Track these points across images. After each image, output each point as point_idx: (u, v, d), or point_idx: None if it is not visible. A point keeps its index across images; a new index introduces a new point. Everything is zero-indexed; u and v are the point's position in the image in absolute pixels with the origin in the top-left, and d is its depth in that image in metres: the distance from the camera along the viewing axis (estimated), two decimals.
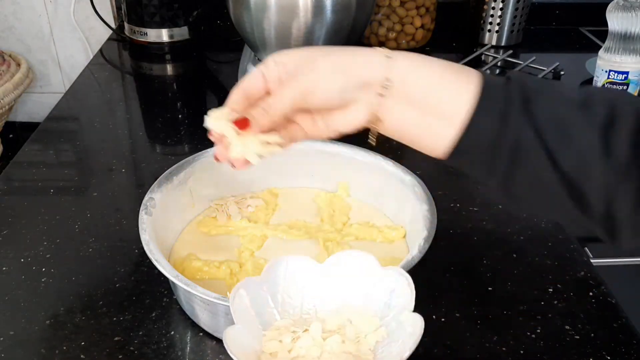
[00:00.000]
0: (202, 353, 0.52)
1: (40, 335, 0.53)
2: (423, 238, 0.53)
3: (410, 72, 0.41)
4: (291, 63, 0.41)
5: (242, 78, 0.42)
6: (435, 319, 0.55)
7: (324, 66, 0.41)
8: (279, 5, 0.87)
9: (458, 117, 0.39)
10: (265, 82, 0.42)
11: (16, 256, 0.62)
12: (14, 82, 1.20)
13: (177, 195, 0.62)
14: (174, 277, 0.48)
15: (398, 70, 0.40)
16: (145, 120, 0.93)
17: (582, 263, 0.63)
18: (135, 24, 1.14)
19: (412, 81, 0.41)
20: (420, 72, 0.41)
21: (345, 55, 0.42)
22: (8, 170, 0.78)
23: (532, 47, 1.23)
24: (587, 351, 0.53)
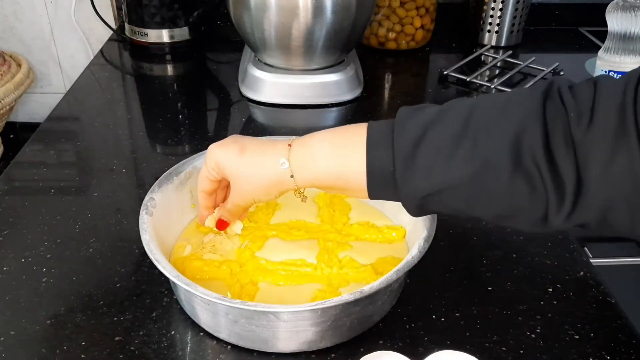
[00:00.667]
0: (203, 353, 0.53)
1: (40, 335, 0.53)
2: (423, 238, 0.53)
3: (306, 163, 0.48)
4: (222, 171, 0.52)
5: (199, 183, 0.55)
6: (435, 319, 0.56)
7: (242, 183, 0.51)
8: (279, 5, 0.87)
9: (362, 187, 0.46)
10: (211, 183, 0.54)
11: (17, 256, 0.62)
12: (15, 82, 1.20)
13: (177, 195, 0.62)
14: (174, 277, 0.48)
15: (296, 163, 0.48)
16: (145, 120, 0.93)
17: (581, 263, 0.63)
18: (135, 24, 1.14)
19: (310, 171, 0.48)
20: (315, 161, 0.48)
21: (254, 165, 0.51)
22: (9, 171, 0.78)
23: (532, 48, 1.23)
24: (587, 351, 0.53)
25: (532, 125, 0.40)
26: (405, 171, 0.43)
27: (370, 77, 1.06)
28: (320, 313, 0.49)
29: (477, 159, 0.41)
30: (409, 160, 0.43)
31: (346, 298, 0.47)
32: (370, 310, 0.52)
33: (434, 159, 0.43)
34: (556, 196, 0.40)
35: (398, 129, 0.44)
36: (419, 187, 0.44)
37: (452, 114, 0.44)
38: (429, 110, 0.45)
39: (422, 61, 1.20)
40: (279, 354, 0.52)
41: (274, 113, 0.95)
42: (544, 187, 0.40)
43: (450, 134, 0.42)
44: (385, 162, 0.44)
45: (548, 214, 0.41)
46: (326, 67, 0.97)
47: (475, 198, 0.43)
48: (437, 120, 0.44)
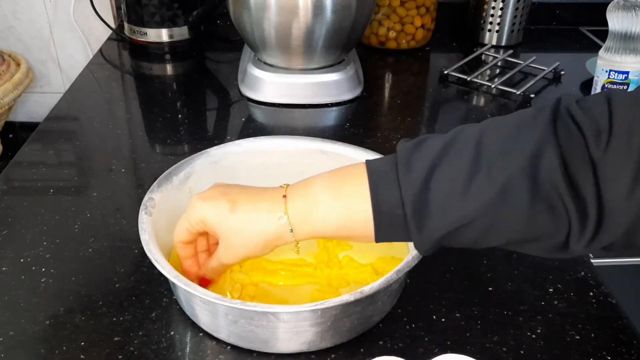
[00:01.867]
0: (202, 353, 0.52)
1: (40, 336, 0.53)
2: None
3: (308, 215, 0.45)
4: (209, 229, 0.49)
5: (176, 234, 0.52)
6: (435, 319, 0.55)
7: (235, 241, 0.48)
8: (279, 5, 0.87)
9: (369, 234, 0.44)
10: (192, 235, 0.51)
11: (16, 256, 0.62)
12: (14, 82, 1.20)
13: (177, 195, 0.62)
14: (173, 277, 0.48)
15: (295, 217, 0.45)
16: (145, 120, 0.93)
17: (582, 263, 0.63)
18: (135, 23, 1.14)
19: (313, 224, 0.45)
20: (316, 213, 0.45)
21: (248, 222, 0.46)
22: (8, 170, 0.78)
23: (533, 47, 1.23)
24: (588, 351, 0.52)
25: (546, 148, 0.38)
26: (418, 215, 0.41)
27: (371, 77, 1.06)
28: (320, 313, 0.48)
29: (494, 190, 0.39)
30: (420, 203, 0.40)
31: (346, 298, 0.47)
32: (370, 311, 0.52)
33: (448, 198, 0.40)
34: (578, 221, 0.38)
35: (402, 168, 0.41)
36: (435, 228, 0.41)
37: (460, 145, 0.41)
38: (432, 143, 0.42)
39: (423, 60, 1.20)
40: (278, 354, 0.52)
41: (274, 113, 0.95)
42: (566, 212, 0.38)
43: (462, 167, 0.40)
44: (394, 206, 0.41)
45: (569, 240, 0.39)
46: (326, 66, 0.97)
47: (494, 229, 0.40)
48: (444, 154, 0.41)
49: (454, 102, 1.03)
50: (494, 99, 1.01)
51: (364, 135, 0.87)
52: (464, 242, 0.43)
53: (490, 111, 0.98)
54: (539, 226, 0.39)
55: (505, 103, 1.00)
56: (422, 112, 1.00)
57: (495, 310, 0.57)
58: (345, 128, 0.90)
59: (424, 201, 0.40)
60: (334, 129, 0.93)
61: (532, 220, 0.39)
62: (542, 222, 0.39)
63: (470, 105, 1.02)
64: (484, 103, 1.01)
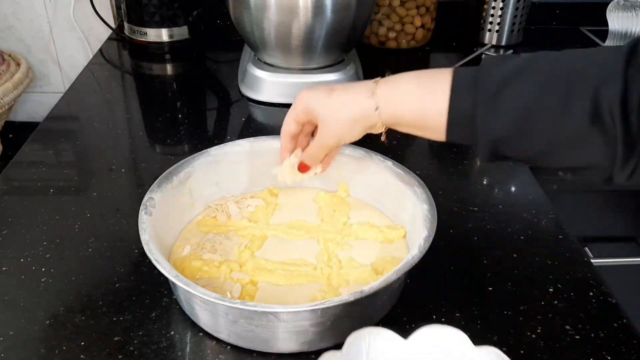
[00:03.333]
0: (202, 353, 0.52)
1: (40, 335, 0.53)
2: (423, 238, 0.53)
3: (392, 97, 0.51)
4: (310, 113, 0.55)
5: (284, 126, 0.58)
6: (435, 319, 0.55)
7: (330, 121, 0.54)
8: (279, 5, 0.87)
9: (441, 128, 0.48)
10: (297, 125, 0.57)
11: (16, 256, 0.62)
12: (14, 81, 1.20)
13: (177, 195, 0.62)
14: (173, 277, 0.48)
15: (382, 98, 0.51)
16: (145, 120, 0.93)
17: (582, 263, 0.63)
18: (135, 23, 1.14)
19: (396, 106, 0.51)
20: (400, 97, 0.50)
21: (341, 102, 0.53)
22: (8, 170, 0.78)
23: (533, 47, 1.23)
24: (588, 351, 0.53)
25: (613, 80, 0.41)
26: (485, 115, 0.45)
27: (371, 77, 1.05)
28: (320, 313, 0.48)
29: (557, 110, 0.42)
30: (489, 106, 0.45)
31: (346, 298, 0.47)
32: (370, 310, 0.52)
33: (514, 107, 0.44)
34: (624, 151, 0.41)
35: (482, 77, 0.46)
36: (495, 131, 0.45)
37: (538, 66, 0.45)
38: (514, 61, 0.46)
39: (423, 60, 1.20)
40: (278, 354, 0.52)
41: (274, 112, 0.95)
42: (615, 140, 0.41)
43: (534, 84, 0.44)
44: (467, 107, 0.46)
45: (614, 169, 0.43)
46: (326, 66, 0.97)
47: (550, 143, 0.44)
48: (522, 71, 0.45)
49: None
50: None
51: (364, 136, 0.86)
52: (521, 155, 0.47)
53: None
54: (591, 150, 0.43)
55: None
56: None
57: (495, 310, 0.57)
58: None
59: (492, 106, 0.45)
60: None
61: (586, 142, 0.43)
62: (594, 146, 0.42)
63: None
64: None
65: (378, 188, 0.66)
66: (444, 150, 0.84)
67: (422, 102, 0.49)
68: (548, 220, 0.69)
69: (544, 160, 0.46)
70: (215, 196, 0.67)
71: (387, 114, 0.51)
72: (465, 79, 0.47)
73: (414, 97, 0.49)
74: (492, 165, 0.79)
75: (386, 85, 0.51)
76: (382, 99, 0.51)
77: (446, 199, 0.72)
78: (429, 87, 0.49)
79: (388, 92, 0.51)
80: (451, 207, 0.71)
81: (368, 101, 0.51)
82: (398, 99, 0.50)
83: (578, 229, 0.88)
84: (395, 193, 0.63)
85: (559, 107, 0.43)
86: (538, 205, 0.71)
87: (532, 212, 0.70)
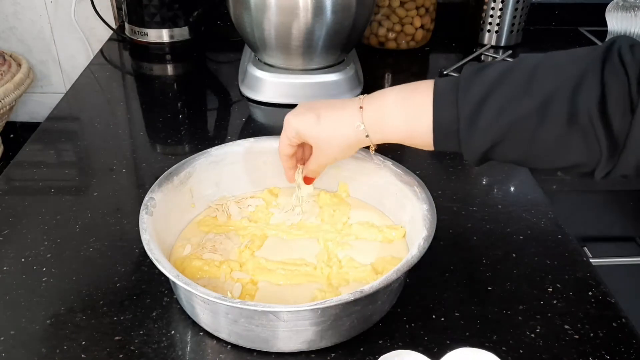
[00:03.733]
0: (203, 352, 0.53)
1: (40, 335, 0.53)
2: (423, 238, 0.53)
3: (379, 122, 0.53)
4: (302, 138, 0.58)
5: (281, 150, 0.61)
6: (434, 318, 0.56)
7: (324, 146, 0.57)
8: (279, 5, 0.87)
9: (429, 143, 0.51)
10: (292, 148, 0.60)
11: (17, 256, 0.62)
12: (15, 82, 1.20)
13: (177, 195, 0.62)
14: (174, 276, 0.48)
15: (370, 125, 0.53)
16: (145, 120, 0.93)
17: (581, 263, 0.63)
18: (135, 24, 1.14)
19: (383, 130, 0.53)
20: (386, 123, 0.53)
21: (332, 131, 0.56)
22: (9, 170, 0.78)
23: (532, 47, 1.23)
24: (587, 351, 0.53)
25: (590, 82, 0.42)
26: (468, 130, 0.47)
27: (370, 77, 1.06)
28: (320, 313, 0.49)
29: (535, 117, 0.44)
30: (471, 121, 0.46)
31: (346, 298, 0.47)
32: (370, 310, 0.53)
33: (494, 120, 0.46)
34: (608, 153, 0.42)
35: (462, 90, 0.47)
36: (479, 144, 0.47)
37: (515, 73, 0.46)
38: (493, 70, 0.47)
39: (422, 61, 1.20)
40: (279, 353, 0.52)
41: (274, 113, 0.95)
42: (597, 142, 0.42)
43: (511, 92, 0.45)
44: (450, 121, 0.48)
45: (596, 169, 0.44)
46: (326, 66, 0.97)
47: (531, 148, 0.46)
48: (501, 81, 0.46)
49: None
50: None
51: None
52: (507, 159, 0.49)
53: None
54: (572, 152, 0.44)
55: None
56: None
57: (494, 310, 0.57)
58: None
59: (474, 121, 0.46)
60: None
61: (567, 145, 0.44)
62: (575, 149, 0.44)
63: None
64: None
65: (378, 188, 0.66)
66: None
67: (407, 123, 0.51)
68: (547, 220, 0.69)
69: (530, 162, 0.48)
70: (216, 196, 0.67)
71: (376, 137, 0.54)
72: (445, 95, 0.48)
73: (399, 120, 0.52)
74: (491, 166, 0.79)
75: (372, 111, 0.53)
76: (370, 126, 0.53)
77: (446, 199, 0.72)
78: (412, 108, 0.51)
79: (374, 118, 0.53)
80: (451, 207, 0.71)
81: (357, 129, 0.54)
82: (384, 123, 0.53)
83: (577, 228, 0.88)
84: (395, 193, 0.63)
85: (537, 114, 0.44)
86: (537, 205, 0.72)
87: (532, 212, 0.71)
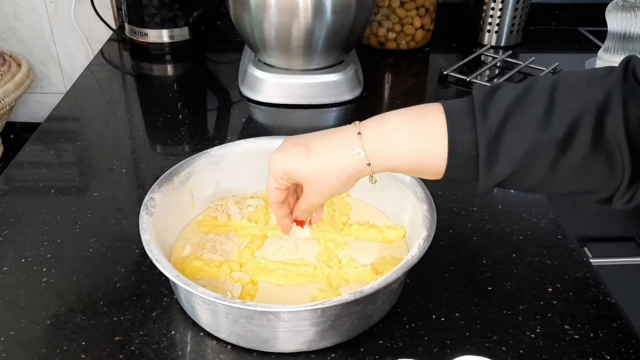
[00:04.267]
0: (203, 353, 0.53)
1: (40, 335, 0.53)
2: (423, 238, 0.53)
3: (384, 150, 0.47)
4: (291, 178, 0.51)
5: (269, 196, 0.54)
6: (435, 319, 0.56)
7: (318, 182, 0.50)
8: (279, 5, 0.87)
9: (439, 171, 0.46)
10: (282, 192, 0.53)
11: (17, 256, 0.62)
12: (15, 82, 1.20)
13: (177, 195, 0.62)
14: (174, 276, 0.48)
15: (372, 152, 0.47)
16: (145, 120, 0.93)
17: (581, 263, 0.63)
18: (135, 24, 1.14)
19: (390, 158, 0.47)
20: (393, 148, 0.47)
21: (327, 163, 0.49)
22: (9, 171, 0.78)
23: (532, 48, 1.23)
24: (587, 351, 0.53)
25: (612, 104, 0.40)
26: (489, 158, 0.43)
27: (370, 77, 1.06)
28: (320, 313, 0.49)
29: (559, 142, 0.42)
30: (492, 146, 0.43)
31: (346, 298, 0.47)
32: (370, 310, 0.53)
33: (518, 143, 0.43)
34: (630, 178, 0.41)
35: (479, 114, 0.44)
36: (500, 171, 0.44)
37: (533, 96, 0.43)
38: (507, 92, 0.44)
39: (422, 61, 1.20)
40: (279, 353, 0.52)
41: (274, 113, 0.95)
42: (622, 166, 0.41)
43: (533, 116, 0.42)
44: (468, 148, 0.44)
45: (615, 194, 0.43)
46: (326, 67, 0.97)
47: (552, 178, 0.43)
48: (518, 105, 0.43)
49: None
50: None
51: None
52: (522, 186, 0.45)
53: None
54: (592, 178, 0.42)
55: None
56: None
57: (494, 310, 0.57)
58: None
59: (495, 146, 0.43)
60: None
61: (589, 169, 0.42)
62: (597, 173, 0.42)
63: None
64: None
65: (378, 188, 0.66)
66: None
67: (417, 148, 0.46)
68: (547, 220, 0.69)
69: (544, 189, 0.46)
70: (216, 196, 0.67)
71: (379, 166, 0.48)
72: (460, 118, 0.44)
73: (407, 145, 0.46)
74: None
75: (373, 136, 0.47)
76: (372, 153, 0.47)
77: (446, 199, 0.72)
78: (422, 131, 0.46)
79: (377, 144, 0.47)
80: (451, 207, 0.71)
81: (357, 158, 0.47)
82: (389, 149, 0.47)
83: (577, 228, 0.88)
84: (395, 193, 0.63)
85: (561, 140, 0.42)
86: (537, 205, 0.72)
87: (531, 212, 0.71)
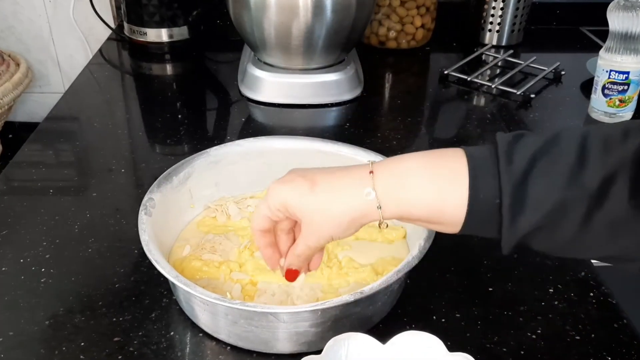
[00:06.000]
0: (202, 354, 0.52)
1: (39, 336, 0.53)
2: (423, 238, 0.53)
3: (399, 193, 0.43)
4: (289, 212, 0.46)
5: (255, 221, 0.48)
6: (435, 319, 0.55)
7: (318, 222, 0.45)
8: (279, 5, 0.87)
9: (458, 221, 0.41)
10: (271, 222, 0.48)
11: (15, 256, 0.62)
12: (14, 82, 1.20)
13: (176, 195, 0.62)
14: (173, 277, 0.48)
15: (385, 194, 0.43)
16: (144, 120, 0.93)
17: (582, 263, 0.63)
18: (134, 23, 1.14)
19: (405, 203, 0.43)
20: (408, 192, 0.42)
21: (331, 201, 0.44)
22: (7, 171, 0.78)
23: (533, 47, 1.22)
24: (588, 352, 0.52)
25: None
26: (514, 206, 0.39)
27: (371, 77, 1.06)
28: (320, 314, 0.48)
29: (593, 193, 0.37)
30: (518, 192, 0.39)
31: (346, 299, 0.47)
32: (370, 311, 0.52)
33: (548, 191, 0.38)
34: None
35: (503, 158, 0.40)
36: (526, 222, 0.39)
37: (563, 143, 0.40)
38: (532, 138, 0.41)
39: (423, 60, 1.19)
40: (278, 354, 0.52)
41: (274, 113, 0.95)
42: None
43: (565, 163, 0.39)
44: (491, 195, 0.39)
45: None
46: (326, 66, 0.97)
47: (582, 236, 0.39)
48: (546, 150, 0.40)
49: (454, 102, 1.03)
50: (494, 99, 1.01)
51: (364, 135, 0.86)
52: (548, 244, 0.41)
53: (491, 111, 0.98)
54: (629, 237, 0.38)
55: (505, 103, 0.99)
56: (422, 112, 1.00)
57: (495, 311, 0.57)
58: (345, 128, 0.90)
59: (521, 192, 0.39)
60: (334, 129, 0.93)
61: (625, 228, 0.38)
62: (631, 236, 0.38)
63: (470, 105, 1.02)
64: (484, 103, 1.01)
65: None
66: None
67: (434, 195, 0.41)
68: None
69: (572, 249, 0.41)
70: (215, 196, 0.67)
71: (392, 211, 0.43)
72: (483, 162, 0.40)
73: (424, 191, 0.42)
74: None
75: (387, 176, 0.43)
76: (384, 195, 0.42)
77: None
78: (442, 175, 0.41)
79: (390, 185, 0.43)
80: None
81: (366, 199, 0.43)
82: (404, 192, 0.42)
83: None
84: None
85: (596, 188, 0.37)
86: None
87: None
